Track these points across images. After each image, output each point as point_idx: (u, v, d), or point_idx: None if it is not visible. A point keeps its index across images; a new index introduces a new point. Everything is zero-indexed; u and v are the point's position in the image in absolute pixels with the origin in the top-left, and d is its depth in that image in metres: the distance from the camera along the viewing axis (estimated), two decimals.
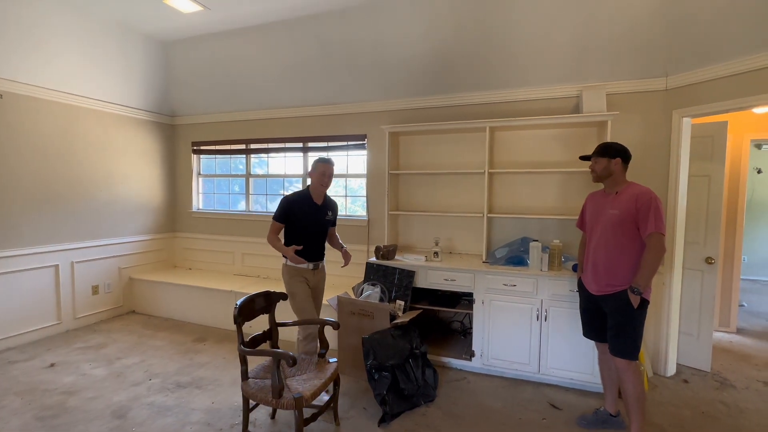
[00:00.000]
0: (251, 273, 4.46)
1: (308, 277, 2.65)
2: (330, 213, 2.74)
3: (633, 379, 2.08)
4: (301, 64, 3.77)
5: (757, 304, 4.97)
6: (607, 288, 2.14)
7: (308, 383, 2.05)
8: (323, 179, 2.63)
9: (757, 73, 2.48)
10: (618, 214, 2.10)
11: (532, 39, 3.00)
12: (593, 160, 2.25)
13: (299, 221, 2.59)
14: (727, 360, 3.29)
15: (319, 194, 2.67)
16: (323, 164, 2.63)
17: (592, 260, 2.22)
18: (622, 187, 2.18)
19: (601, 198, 2.28)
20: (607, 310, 2.16)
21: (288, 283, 2.63)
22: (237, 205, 4.74)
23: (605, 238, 2.16)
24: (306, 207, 2.62)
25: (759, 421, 2.42)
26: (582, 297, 2.38)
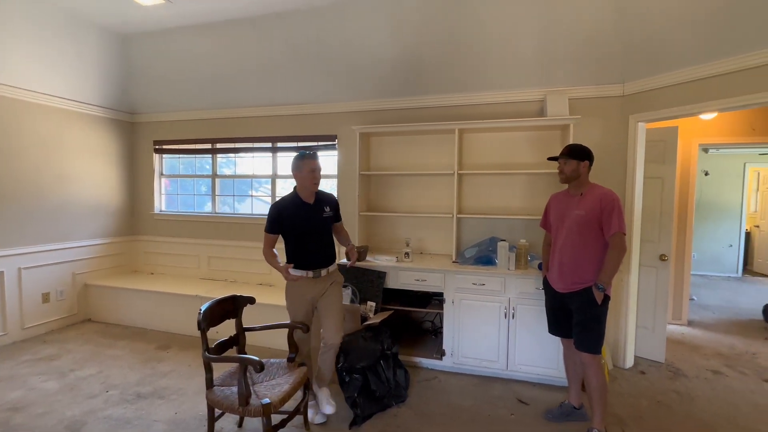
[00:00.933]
0: (218, 277, 4.31)
1: (308, 288, 2.36)
2: (327, 208, 2.42)
3: (596, 372, 2.17)
4: (269, 63, 3.69)
5: (705, 297, 5.32)
6: (573, 286, 2.22)
7: (277, 389, 2.01)
8: (314, 176, 2.32)
9: (703, 82, 2.65)
10: (583, 215, 2.18)
11: (498, 45, 3.07)
12: (562, 161, 2.28)
13: (294, 227, 2.33)
14: (680, 351, 3.50)
15: (309, 193, 2.37)
16: (311, 160, 2.31)
17: (558, 259, 2.29)
18: (586, 189, 2.26)
19: (565, 199, 2.35)
20: (573, 307, 2.24)
21: (285, 295, 2.43)
22: (203, 207, 4.57)
23: (571, 238, 2.23)
24: (297, 210, 2.34)
25: (708, 408, 2.59)
26: (548, 295, 2.45)
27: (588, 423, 2.31)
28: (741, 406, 2.61)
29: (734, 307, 4.92)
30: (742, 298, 5.33)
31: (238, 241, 4.25)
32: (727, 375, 3.05)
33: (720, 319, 4.44)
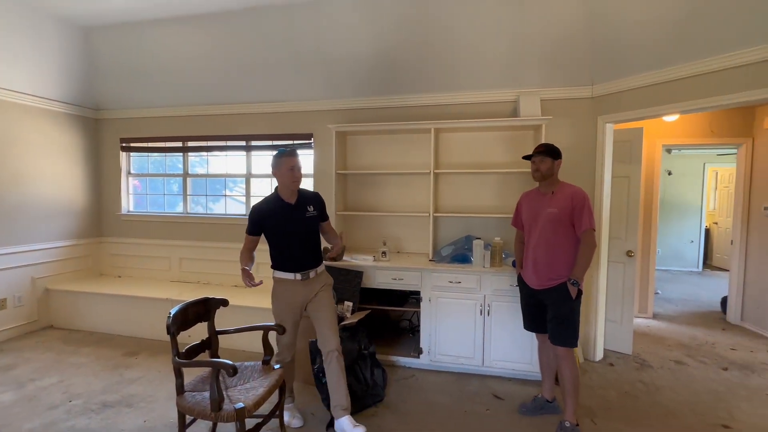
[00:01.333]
0: (190, 279, 4.18)
1: (296, 292, 2.27)
2: (311, 207, 2.32)
3: (570, 365, 2.23)
4: (242, 59, 3.61)
5: (669, 291, 5.57)
6: (548, 282, 2.27)
7: (251, 392, 1.96)
8: (294, 174, 2.22)
9: (666, 85, 2.77)
10: (557, 213, 2.24)
11: (472, 46, 3.11)
12: (539, 160, 2.31)
13: (276, 229, 2.24)
14: (646, 343, 3.65)
15: (290, 192, 2.28)
16: (289, 157, 2.22)
17: (532, 257, 2.33)
18: (556, 187, 2.33)
19: (536, 197, 2.40)
20: (548, 302, 2.30)
21: (272, 300, 2.35)
22: (174, 207, 4.42)
23: (545, 236, 2.28)
24: (279, 211, 2.25)
25: (671, 396, 2.71)
26: (523, 292, 2.49)
27: (560, 415, 2.37)
28: (701, 393, 2.75)
29: (695, 299, 5.17)
30: (702, 291, 5.61)
31: (211, 242, 4.13)
32: (688, 364, 3.21)
33: (682, 311, 4.67)
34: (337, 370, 2.23)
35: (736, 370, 3.12)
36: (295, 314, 2.32)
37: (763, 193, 3.95)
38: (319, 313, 2.30)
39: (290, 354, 2.36)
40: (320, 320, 2.30)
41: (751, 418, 2.46)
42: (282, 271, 2.28)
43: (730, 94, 2.48)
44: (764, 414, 2.50)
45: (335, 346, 2.26)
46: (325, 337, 2.28)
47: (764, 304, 3.90)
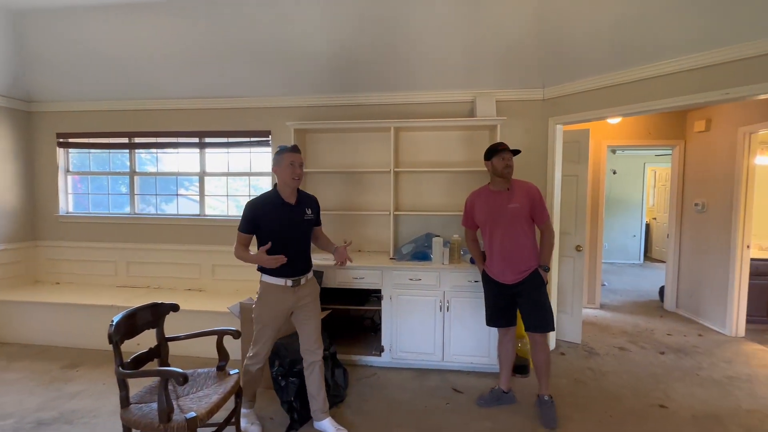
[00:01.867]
0: (139, 284, 3.94)
1: (285, 299, 2.16)
2: (309, 210, 2.24)
3: (546, 349, 2.43)
4: (194, 51, 3.43)
5: (615, 282, 5.96)
6: (521, 275, 2.38)
7: (204, 400, 1.88)
8: (294, 171, 2.12)
9: (610, 89, 2.95)
10: (519, 208, 2.37)
11: (430, 47, 3.14)
12: (509, 156, 2.40)
13: (273, 229, 2.10)
14: (593, 332, 3.88)
15: (290, 191, 2.18)
16: (290, 153, 2.13)
17: (501, 253, 2.39)
18: (510, 184, 2.43)
19: (491, 195, 2.46)
20: (522, 293, 2.39)
21: (255, 305, 2.20)
22: (121, 207, 4.14)
23: (513, 231, 2.37)
24: (278, 210, 2.13)
25: (616, 381, 2.90)
26: (491, 290, 2.51)
27: (515, 405, 2.51)
28: (642, 376, 2.96)
29: (637, 289, 5.57)
30: (643, 281, 6.06)
31: (162, 244, 3.92)
32: (630, 350, 3.45)
33: (626, 301, 5.01)
34: (318, 378, 2.25)
35: (672, 353, 3.39)
36: (279, 322, 2.21)
37: (694, 190, 4.31)
38: (306, 322, 2.24)
39: (263, 361, 2.24)
40: (306, 329, 2.24)
41: (684, 397, 2.68)
42: (272, 276, 2.15)
43: (664, 99, 2.69)
44: (695, 392, 2.74)
45: (320, 357, 2.25)
46: (311, 348, 2.24)
47: (696, 292, 4.27)
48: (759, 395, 2.71)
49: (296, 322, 2.26)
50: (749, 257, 3.75)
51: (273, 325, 2.19)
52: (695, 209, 4.24)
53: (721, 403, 2.60)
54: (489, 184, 2.50)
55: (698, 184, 4.26)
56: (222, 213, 3.99)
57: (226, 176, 3.97)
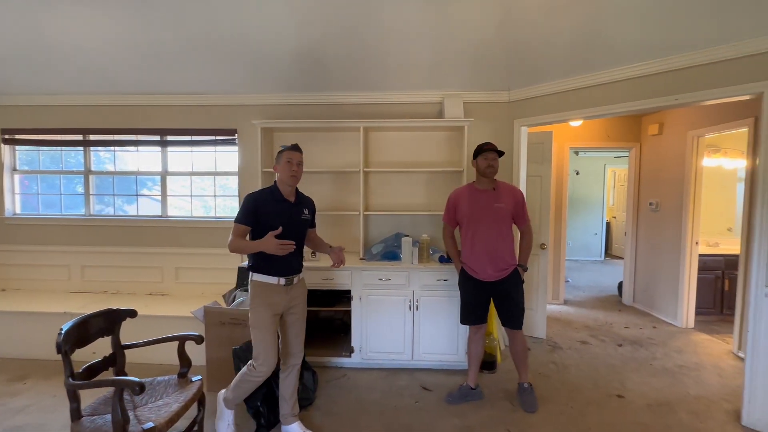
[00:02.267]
0: (95, 289, 3.74)
1: (279, 299, 2.08)
2: (306, 211, 2.23)
3: (523, 340, 2.58)
4: (155, 45, 3.28)
5: (577, 279, 6.21)
6: (502, 272, 2.46)
7: (164, 410, 1.80)
8: (291, 168, 2.10)
9: (571, 93, 3.07)
10: (504, 208, 2.45)
11: (399, 48, 3.13)
12: (492, 157, 2.45)
13: (271, 224, 2.03)
14: (557, 327, 4.02)
15: (290, 189, 2.16)
16: (289, 151, 2.12)
17: (487, 250, 2.45)
18: (496, 184, 2.50)
19: (476, 194, 2.51)
20: (502, 292, 2.48)
21: (250, 309, 2.09)
22: (76, 208, 3.91)
23: (497, 229, 2.45)
24: (277, 205, 2.10)
25: (577, 374, 3.02)
26: (470, 287, 2.54)
27: (482, 401, 2.59)
28: (601, 368, 3.10)
29: (598, 285, 5.83)
30: (604, 277, 6.34)
31: (121, 247, 3.74)
32: (591, 344, 3.60)
33: (588, 296, 5.23)
34: (294, 381, 2.23)
35: (629, 345, 3.56)
36: (276, 324, 2.10)
37: (649, 190, 4.55)
38: (294, 324, 2.19)
39: (271, 370, 2.07)
40: (293, 331, 2.19)
41: (639, 386, 2.83)
42: (265, 275, 2.07)
43: (620, 103, 2.83)
44: (649, 381, 2.89)
45: (300, 360, 2.23)
46: (294, 351, 2.20)
47: (650, 287, 4.52)
48: (705, 382, 2.89)
49: (283, 324, 2.19)
50: (698, 253, 4.00)
51: (272, 328, 2.07)
52: (650, 208, 4.49)
53: (672, 391, 2.76)
54: (474, 183, 2.55)
55: (652, 185, 4.50)
56: (186, 214, 3.84)
57: (189, 176, 3.83)
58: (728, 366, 3.15)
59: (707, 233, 4.52)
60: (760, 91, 2.28)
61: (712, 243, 4.52)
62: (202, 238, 3.71)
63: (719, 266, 4.18)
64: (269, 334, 2.05)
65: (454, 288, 2.91)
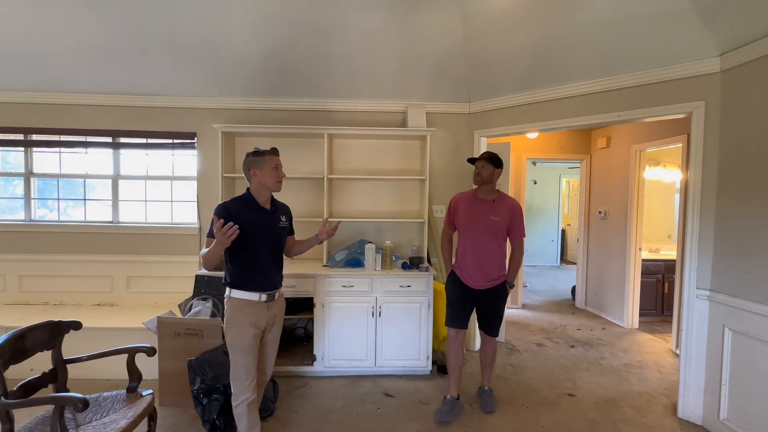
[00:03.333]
0: (35, 300, 3.47)
1: (260, 317, 1.95)
2: (284, 218, 2.11)
3: (495, 344, 2.67)
4: (108, 43, 3.12)
5: (535, 283, 6.47)
6: (489, 282, 2.49)
7: (110, 427, 1.70)
8: (278, 174, 2.00)
9: (527, 107, 3.24)
10: (500, 221, 2.44)
11: (363, 57, 3.18)
12: (481, 165, 2.44)
13: (247, 235, 1.88)
14: (515, 330, 4.17)
15: (267, 197, 2.03)
16: (273, 156, 2.00)
17: (478, 260, 2.46)
18: (496, 195, 2.50)
19: (475, 202, 2.51)
20: (486, 301, 2.52)
21: (228, 328, 1.92)
22: (13, 212, 3.62)
23: (489, 241, 2.45)
24: (253, 215, 1.95)
25: (533, 375, 3.14)
26: (457, 291, 2.54)
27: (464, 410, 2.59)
28: (554, 369, 3.25)
29: (554, 289, 6.11)
30: (559, 282, 6.65)
31: (66, 255, 3.50)
32: (546, 346, 3.76)
33: (544, 300, 5.46)
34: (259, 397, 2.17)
35: (580, 346, 3.76)
36: (257, 343, 1.97)
37: (598, 200, 4.86)
38: (271, 342, 2.10)
39: (253, 392, 1.95)
40: (269, 349, 2.10)
41: (589, 385, 2.99)
42: (244, 291, 1.93)
43: (570, 118, 3.02)
44: (598, 380, 3.06)
45: (269, 377, 2.20)
46: (266, 369, 2.14)
47: (600, 290, 4.80)
48: (647, 379, 3.11)
49: (263, 341, 2.05)
50: (641, 258, 4.31)
51: (253, 349, 1.93)
52: (599, 216, 4.78)
53: (617, 388, 2.94)
54: (477, 190, 2.54)
55: (601, 194, 4.81)
56: (139, 220, 3.66)
57: (144, 180, 3.66)
58: (667, 363, 3.40)
59: (649, 240, 4.88)
60: (690, 111, 2.52)
61: (654, 249, 4.88)
62: (157, 245, 3.54)
63: (660, 270, 4.52)
64: (250, 356, 1.92)
65: (417, 294, 2.96)
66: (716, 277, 2.41)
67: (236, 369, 1.94)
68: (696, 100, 2.49)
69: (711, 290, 2.42)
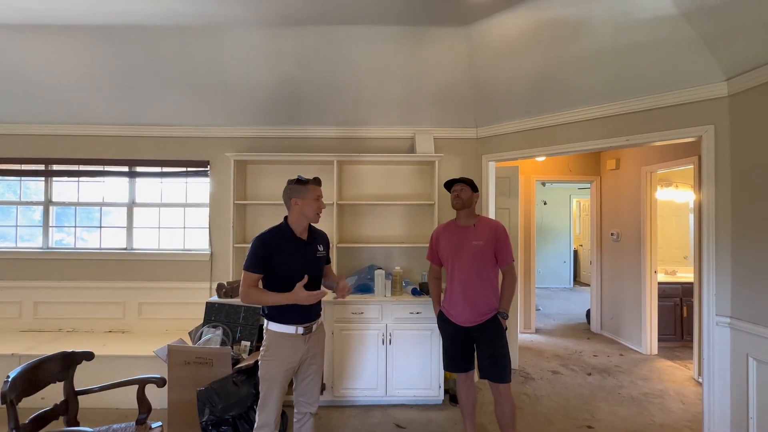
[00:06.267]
0: (48, 327, 3.51)
1: (296, 350, 1.92)
2: (321, 247, 2.07)
3: (511, 400, 2.23)
4: (125, 77, 3.26)
5: (548, 306, 6.34)
6: (481, 317, 2.22)
7: None
8: (320, 205, 2.00)
9: (532, 132, 3.26)
10: (482, 245, 2.23)
11: (371, 85, 3.26)
12: (460, 188, 2.31)
13: (286, 268, 1.89)
14: (529, 356, 4.06)
15: (304, 227, 2.01)
16: (316, 185, 2.00)
17: (462, 292, 2.24)
18: (476, 220, 2.33)
19: (455, 230, 2.35)
20: (482, 340, 2.23)
21: (262, 359, 1.91)
22: (31, 239, 3.71)
23: (475, 269, 2.22)
24: (291, 246, 1.94)
25: (548, 404, 3.04)
26: (448, 332, 2.34)
27: None
28: (571, 398, 3.14)
29: (568, 313, 5.97)
30: (573, 305, 6.50)
31: (80, 281, 3.55)
32: (562, 373, 3.65)
33: (558, 324, 5.34)
34: (311, 430, 2.10)
35: (597, 374, 3.64)
36: (289, 377, 1.96)
37: (610, 221, 4.80)
38: (311, 374, 2.03)
39: (276, 427, 1.93)
40: (310, 380, 2.04)
41: (607, 416, 2.88)
42: (281, 324, 1.91)
43: (577, 142, 3.03)
44: (617, 411, 2.95)
45: (315, 408, 2.09)
46: (310, 400, 2.06)
47: (616, 315, 4.67)
48: (669, 409, 2.98)
49: (300, 373, 2.02)
50: (657, 281, 4.21)
51: (283, 383, 1.92)
52: (611, 238, 4.71)
53: (638, 420, 2.82)
54: (456, 218, 2.40)
55: (613, 216, 4.75)
56: (152, 246, 3.72)
57: (158, 207, 3.74)
58: (690, 392, 3.26)
59: (665, 262, 4.78)
60: (700, 135, 2.51)
61: (670, 271, 4.77)
62: (170, 271, 3.58)
63: (677, 294, 4.40)
64: (278, 390, 1.91)
65: (426, 321, 2.92)
66: (736, 303, 2.33)
67: (264, 400, 1.92)
68: (705, 123, 2.48)
69: (732, 317, 2.35)
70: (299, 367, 1.99)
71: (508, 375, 2.21)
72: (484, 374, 2.23)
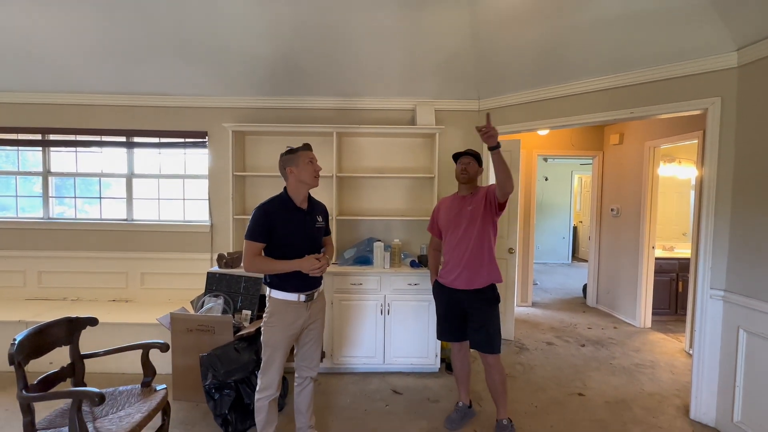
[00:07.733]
0: (53, 296, 3.57)
1: (298, 317, 1.97)
2: (320, 218, 2.10)
3: (500, 370, 2.29)
4: (122, 44, 3.17)
5: (545, 281, 6.42)
6: (473, 283, 2.24)
7: (125, 420, 1.75)
8: (315, 168, 1.99)
9: (538, 104, 3.20)
10: (474, 208, 2.27)
11: (372, 55, 3.16)
12: (467, 161, 2.33)
13: (286, 237, 1.92)
14: (525, 328, 4.15)
15: (304, 196, 2.01)
16: (307, 151, 1.99)
17: (460, 256, 2.26)
18: (474, 189, 2.37)
19: (454, 201, 2.40)
20: (473, 310, 2.26)
21: (265, 325, 1.96)
22: (32, 210, 3.73)
23: (471, 233, 2.25)
24: (291, 215, 1.96)
25: (541, 374, 3.13)
26: (442, 301, 2.40)
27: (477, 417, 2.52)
28: (564, 368, 3.23)
29: (565, 287, 6.05)
30: (570, 280, 6.59)
31: (83, 252, 3.59)
32: (556, 344, 3.74)
33: (555, 298, 5.42)
34: (310, 394, 2.16)
35: (591, 345, 3.73)
36: (291, 343, 2.01)
37: (611, 197, 4.78)
38: (313, 338, 2.09)
39: (277, 389, 1.99)
40: (310, 346, 2.09)
41: (599, 384, 2.97)
42: (283, 291, 1.95)
43: (581, 115, 2.97)
44: (608, 380, 3.04)
45: (315, 373, 2.15)
46: (310, 365, 2.12)
47: (612, 289, 4.74)
48: (659, 379, 3.07)
49: (301, 339, 2.08)
50: (654, 257, 4.24)
51: (285, 349, 1.97)
52: (611, 214, 4.71)
53: (628, 388, 2.91)
54: (459, 190, 2.44)
55: (614, 191, 4.73)
56: (153, 217, 3.73)
57: (157, 178, 3.73)
58: (680, 363, 3.35)
59: (663, 238, 4.80)
60: (706, 107, 2.46)
61: (668, 247, 4.79)
62: (171, 242, 3.61)
63: (674, 269, 4.44)
64: (280, 355, 1.96)
65: (424, 292, 2.96)
66: (731, 277, 2.36)
67: (266, 365, 1.97)
68: (712, 96, 2.43)
69: (725, 290, 2.38)
70: (301, 333, 2.04)
71: (497, 346, 2.25)
72: (474, 344, 2.29)
